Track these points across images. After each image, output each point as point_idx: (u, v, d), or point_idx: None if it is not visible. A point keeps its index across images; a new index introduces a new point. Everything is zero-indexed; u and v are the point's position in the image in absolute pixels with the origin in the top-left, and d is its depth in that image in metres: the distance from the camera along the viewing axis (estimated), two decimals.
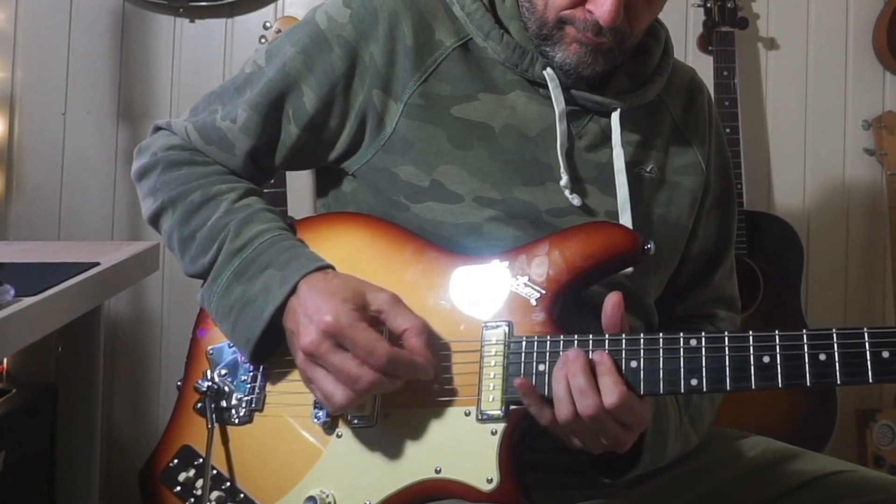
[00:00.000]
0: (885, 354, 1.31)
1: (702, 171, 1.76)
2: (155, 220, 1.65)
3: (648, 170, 1.69)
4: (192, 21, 3.37)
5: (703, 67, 3.25)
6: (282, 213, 1.60)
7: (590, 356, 1.37)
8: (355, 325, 1.35)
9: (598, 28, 1.52)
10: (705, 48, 3.46)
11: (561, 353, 1.40)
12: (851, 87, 3.64)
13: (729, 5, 3.34)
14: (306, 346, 1.37)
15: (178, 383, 1.61)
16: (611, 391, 1.34)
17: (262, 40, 3.07)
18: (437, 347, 1.45)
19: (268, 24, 3.14)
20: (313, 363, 1.38)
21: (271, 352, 1.49)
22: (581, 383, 1.35)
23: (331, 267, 1.48)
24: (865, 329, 1.32)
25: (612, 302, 1.41)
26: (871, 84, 3.65)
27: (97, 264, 2.02)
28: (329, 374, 1.37)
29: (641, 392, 1.37)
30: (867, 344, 1.31)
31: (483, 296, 1.48)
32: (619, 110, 1.64)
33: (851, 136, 3.63)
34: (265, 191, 1.69)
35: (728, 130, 3.20)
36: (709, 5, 3.36)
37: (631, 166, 1.65)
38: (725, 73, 3.29)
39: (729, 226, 1.86)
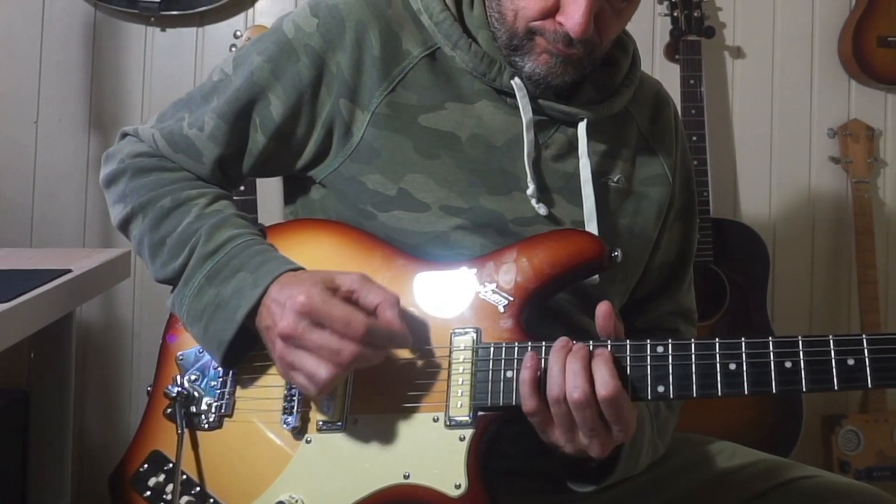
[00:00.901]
0: (851, 362, 1.32)
1: (668, 182, 1.77)
2: (124, 227, 1.65)
3: (615, 180, 1.70)
4: (163, 30, 3.38)
5: (670, 76, 3.29)
6: (252, 220, 1.61)
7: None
8: (329, 300, 1.36)
9: (568, 39, 1.52)
10: (672, 57, 3.48)
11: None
12: (817, 96, 3.68)
13: (695, 14, 3.36)
14: (283, 328, 1.36)
15: (148, 388, 1.61)
16: (605, 383, 1.34)
17: (233, 49, 3.08)
18: (406, 354, 1.46)
19: (238, 33, 3.16)
20: (292, 346, 1.37)
21: (242, 356, 1.50)
22: (577, 367, 1.35)
23: (301, 269, 1.48)
24: (831, 336, 1.34)
25: (602, 311, 1.42)
26: (836, 92, 3.69)
27: (69, 271, 2.02)
28: (310, 353, 1.36)
29: None
30: (833, 351, 1.33)
31: (451, 302, 1.49)
32: (585, 120, 1.64)
33: (817, 144, 3.66)
34: (234, 198, 1.69)
35: (695, 138, 3.23)
36: (675, 14, 3.38)
37: (597, 176, 1.65)
38: (692, 81, 3.31)
39: (690, 238, 1.86)
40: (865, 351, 1.32)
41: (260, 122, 1.63)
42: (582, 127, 1.64)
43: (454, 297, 1.49)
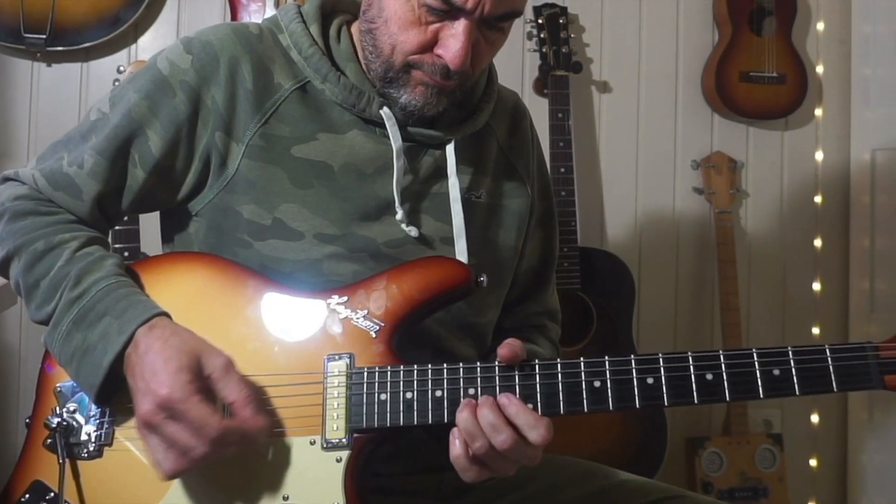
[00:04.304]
0: (709, 377, 1.41)
1: (527, 193, 1.84)
2: (3, 269, 1.64)
3: (478, 195, 1.76)
4: (49, 65, 3.38)
5: (539, 110, 3.32)
6: (134, 249, 1.62)
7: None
8: (188, 399, 1.37)
9: (446, 71, 1.57)
10: (541, 91, 3.56)
11: (401, 382, 1.46)
12: (681, 129, 3.78)
13: (564, 50, 3.43)
14: (142, 415, 1.38)
15: (27, 420, 1.59)
16: (534, 427, 1.40)
17: (116, 84, 3.09)
18: (281, 381, 1.49)
19: (121, 68, 3.19)
20: (149, 430, 1.39)
21: (115, 393, 1.49)
22: (492, 419, 1.40)
23: (166, 314, 1.50)
24: (690, 353, 1.42)
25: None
26: (699, 125, 3.79)
27: None
28: (162, 443, 1.39)
29: None
30: (692, 367, 1.41)
31: (324, 329, 1.52)
32: (454, 142, 1.70)
33: (681, 175, 3.75)
34: (118, 228, 1.69)
35: (563, 170, 3.29)
36: (544, 50, 3.45)
37: (462, 193, 1.70)
38: (560, 115, 3.36)
39: (552, 243, 1.94)
40: (723, 366, 1.41)
41: (139, 157, 1.64)
42: (450, 149, 1.70)
43: (327, 324, 1.52)
